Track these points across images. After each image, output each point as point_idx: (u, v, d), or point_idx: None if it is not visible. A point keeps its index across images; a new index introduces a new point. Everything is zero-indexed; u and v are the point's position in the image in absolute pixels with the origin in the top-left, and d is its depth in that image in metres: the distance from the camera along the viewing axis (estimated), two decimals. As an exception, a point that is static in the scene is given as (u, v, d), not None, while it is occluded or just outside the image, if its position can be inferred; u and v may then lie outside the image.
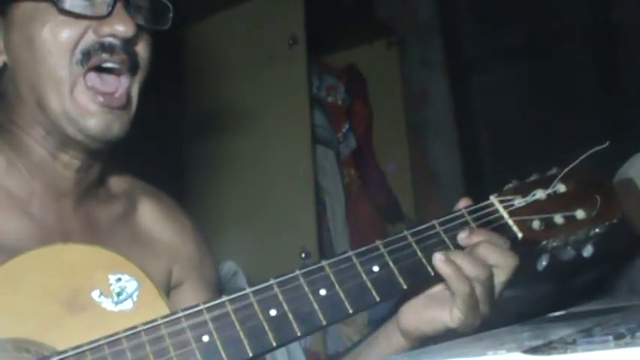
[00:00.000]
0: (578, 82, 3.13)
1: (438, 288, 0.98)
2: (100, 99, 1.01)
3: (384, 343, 1.05)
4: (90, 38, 1.01)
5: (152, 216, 1.19)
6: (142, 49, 1.06)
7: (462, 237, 0.98)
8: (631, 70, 3.00)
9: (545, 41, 3.20)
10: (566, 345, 0.61)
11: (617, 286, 2.22)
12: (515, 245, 1.00)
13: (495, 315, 0.99)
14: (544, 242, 1.03)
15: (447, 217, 1.00)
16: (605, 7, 3.10)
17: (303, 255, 2.43)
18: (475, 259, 0.95)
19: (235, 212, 2.59)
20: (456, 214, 1.02)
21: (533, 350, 0.59)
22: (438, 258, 0.94)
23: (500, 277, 0.97)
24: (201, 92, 2.75)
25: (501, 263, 0.96)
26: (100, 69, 1.02)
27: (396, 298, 0.97)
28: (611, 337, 0.60)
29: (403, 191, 3.18)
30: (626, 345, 0.57)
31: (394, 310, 1.05)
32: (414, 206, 3.14)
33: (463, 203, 1.04)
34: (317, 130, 2.80)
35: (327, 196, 2.87)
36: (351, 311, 0.91)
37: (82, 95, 1.01)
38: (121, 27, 1.00)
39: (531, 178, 1.09)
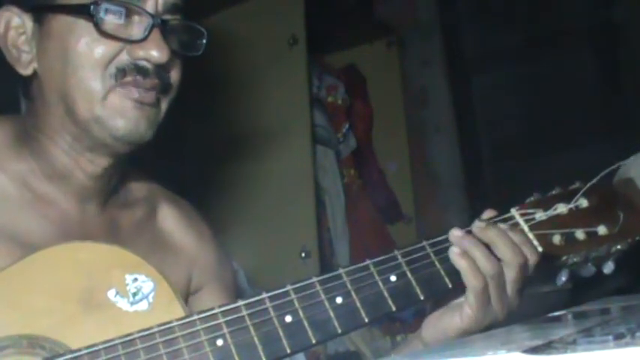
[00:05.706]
0: (578, 82, 3.12)
1: (456, 301, 0.99)
2: (135, 94, 1.02)
3: (404, 350, 1.07)
4: (124, 58, 1.03)
5: (172, 221, 1.21)
6: (173, 74, 1.08)
7: (478, 225, 0.98)
8: (631, 70, 3.00)
9: (546, 41, 3.20)
10: (566, 345, 0.61)
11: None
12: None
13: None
14: (564, 257, 1.02)
15: (466, 229, 1.00)
16: (606, 7, 3.10)
17: (303, 254, 2.42)
18: (487, 252, 0.95)
19: (235, 212, 2.59)
20: None
21: (533, 350, 0.59)
22: (454, 251, 0.95)
23: (509, 274, 0.97)
24: (200, 92, 2.75)
25: (508, 258, 0.96)
26: None
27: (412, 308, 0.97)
28: (611, 337, 0.60)
29: (403, 191, 3.18)
30: (626, 345, 0.57)
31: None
32: (414, 206, 3.14)
33: (488, 214, 1.04)
34: (317, 130, 2.80)
35: (327, 196, 2.87)
36: (366, 320, 0.91)
37: (117, 96, 1.02)
38: (156, 53, 1.02)
39: (553, 192, 1.08)
